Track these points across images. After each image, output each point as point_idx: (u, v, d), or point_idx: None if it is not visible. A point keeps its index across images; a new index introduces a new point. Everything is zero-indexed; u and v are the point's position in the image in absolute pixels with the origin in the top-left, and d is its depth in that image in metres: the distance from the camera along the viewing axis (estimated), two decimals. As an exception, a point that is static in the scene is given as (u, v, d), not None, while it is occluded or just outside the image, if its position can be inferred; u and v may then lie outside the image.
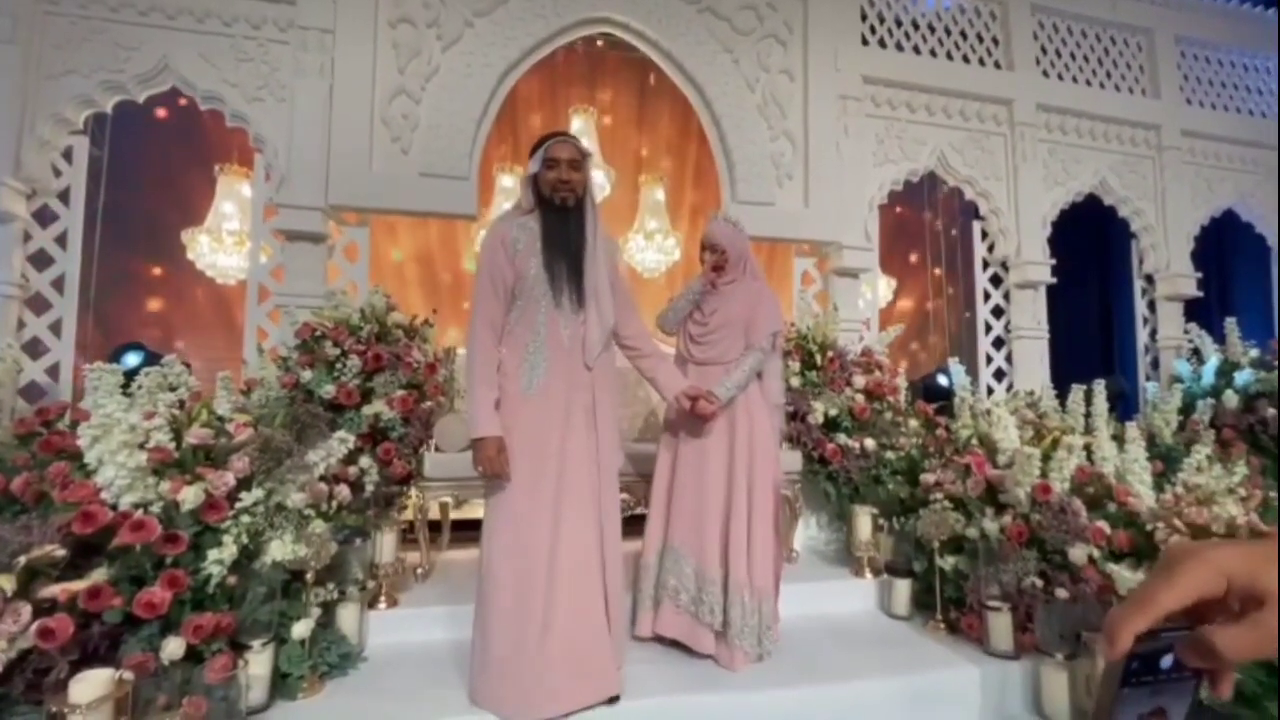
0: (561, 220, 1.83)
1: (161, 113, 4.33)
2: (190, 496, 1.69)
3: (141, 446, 1.75)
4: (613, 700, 1.74)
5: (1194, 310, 4.42)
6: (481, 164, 3.29)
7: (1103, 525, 2.24)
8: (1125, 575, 2.06)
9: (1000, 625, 2.13)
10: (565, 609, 1.70)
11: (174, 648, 1.52)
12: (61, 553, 1.49)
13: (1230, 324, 3.99)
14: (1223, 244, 4.93)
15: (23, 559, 1.44)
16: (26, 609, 1.39)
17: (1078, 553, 2.14)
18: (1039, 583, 2.14)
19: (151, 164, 4.25)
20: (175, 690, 1.50)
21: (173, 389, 2.30)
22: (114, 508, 1.65)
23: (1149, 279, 4.43)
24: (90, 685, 1.31)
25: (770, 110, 3.61)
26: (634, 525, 2.30)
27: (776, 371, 2.29)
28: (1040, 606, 2.10)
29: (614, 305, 1.89)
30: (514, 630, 1.68)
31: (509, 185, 4.60)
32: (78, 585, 1.46)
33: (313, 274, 3.07)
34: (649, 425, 3.38)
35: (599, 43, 4.16)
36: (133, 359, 3.01)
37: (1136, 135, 4.33)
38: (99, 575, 1.53)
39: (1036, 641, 2.09)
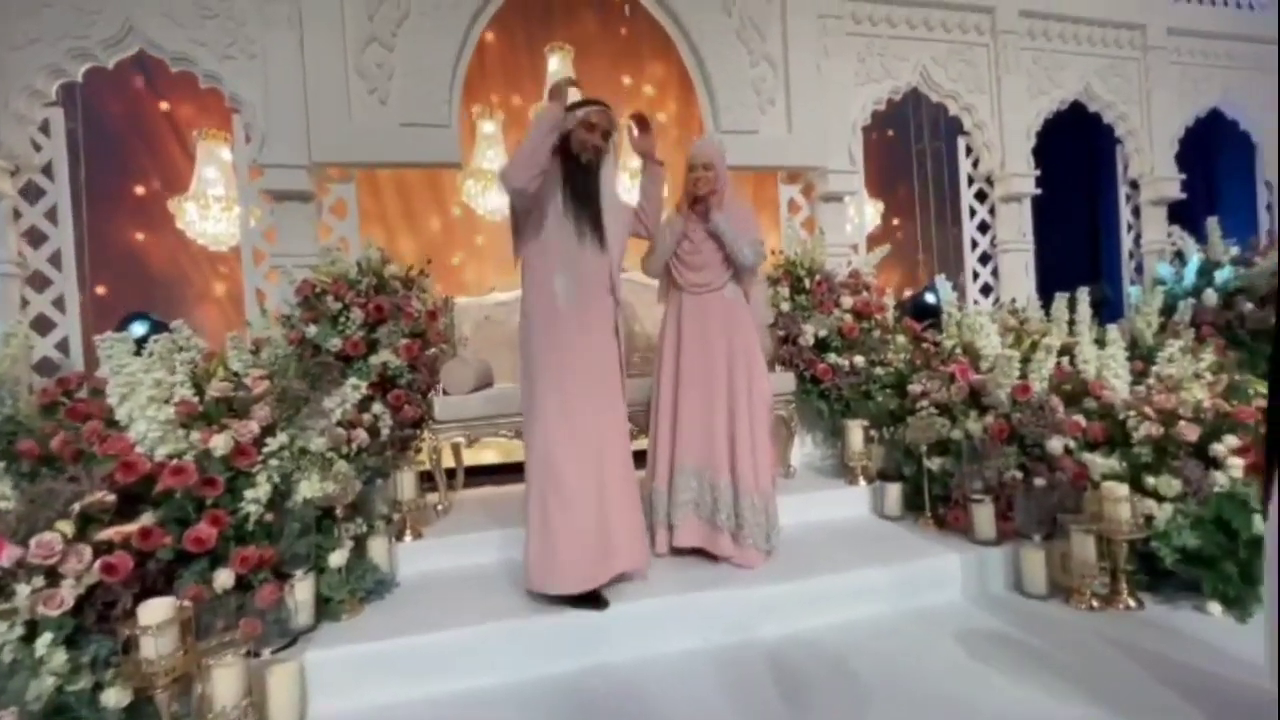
0: (583, 175, 2.01)
1: (134, 80, 4.24)
2: (220, 443, 1.80)
3: (167, 401, 1.85)
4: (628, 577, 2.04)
5: (1180, 213, 4.45)
6: (461, 110, 3.27)
7: (1079, 419, 2.37)
8: (1098, 462, 2.21)
9: (983, 515, 2.30)
10: (615, 491, 1.97)
11: (224, 578, 1.66)
12: (111, 498, 1.61)
13: (1212, 223, 4.04)
14: (1208, 144, 4.91)
15: (77, 506, 1.55)
16: (87, 550, 1.52)
17: (1055, 444, 2.28)
18: (1019, 475, 2.29)
19: (127, 133, 4.20)
20: (231, 615, 1.65)
21: (182, 350, 2.38)
22: (150, 459, 1.76)
23: (1133, 184, 4.45)
24: (156, 610, 1.45)
25: (749, 34, 3.54)
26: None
27: (763, 296, 2.37)
28: (1019, 496, 2.26)
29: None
30: (580, 511, 1.91)
31: (490, 131, 4.55)
32: (129, 527, 1.59)
33: (304, 233, 3.10)
34: (646, 360, 3.47)
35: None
36: (139, 328, 3.07)
37: (1121, 37, 4.26)
38: (147, 519, 1.65)
39: (1016, 527, 2.26)
